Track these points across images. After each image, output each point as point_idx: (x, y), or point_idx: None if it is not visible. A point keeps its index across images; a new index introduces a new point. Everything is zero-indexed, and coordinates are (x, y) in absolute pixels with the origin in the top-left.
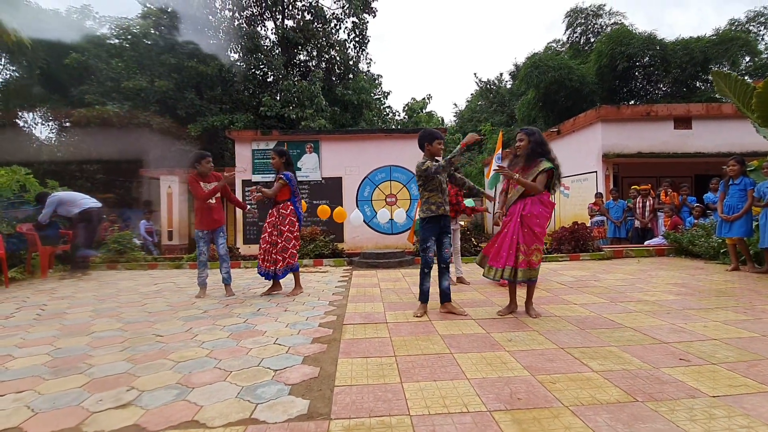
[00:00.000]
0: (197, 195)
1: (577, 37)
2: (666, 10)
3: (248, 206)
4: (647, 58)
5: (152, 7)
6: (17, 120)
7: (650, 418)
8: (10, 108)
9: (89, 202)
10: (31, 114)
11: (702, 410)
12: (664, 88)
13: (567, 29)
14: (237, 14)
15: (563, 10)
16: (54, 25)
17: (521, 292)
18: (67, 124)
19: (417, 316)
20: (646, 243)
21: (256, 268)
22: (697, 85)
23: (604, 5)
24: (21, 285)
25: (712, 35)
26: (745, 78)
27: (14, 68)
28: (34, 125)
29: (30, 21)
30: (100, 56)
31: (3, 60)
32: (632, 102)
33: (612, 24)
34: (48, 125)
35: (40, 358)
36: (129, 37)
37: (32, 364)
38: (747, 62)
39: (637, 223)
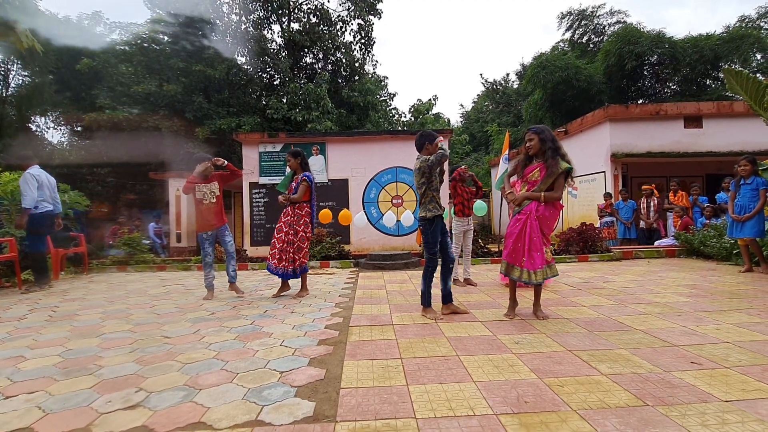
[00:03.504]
0: (185, 189)
1: (578, 37)
2: (662, 9)
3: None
4: (656, 57)
5: (161, 12)
6: (29, 124)
7: (661, 422)
8: (23, 112)
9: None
10: (43, 118)
11: (714, 415)
12: (673, 87)
13: (566, 31)
14: (244, 18)
15: (566, 9)
16: (66, 31)
17: (522, 292)
18: (79, 128)
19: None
20: (656, 243)
21: (267, 267)
22: (708, 83)
23: (603, 4)
24: (33, 287)
25: (723, 32)
26: (757, 75)
27: (26, 73)
28: (46, 129)
29: (43, 27)
30: (110, 61)
31: (15, 65)
32: (641, 101)
33: (615, 23)
34: (60, 129)
35: (51, 359)
36: (138, 42)
37: (44, 365)
38: (759, 60)
39: (642, 224)
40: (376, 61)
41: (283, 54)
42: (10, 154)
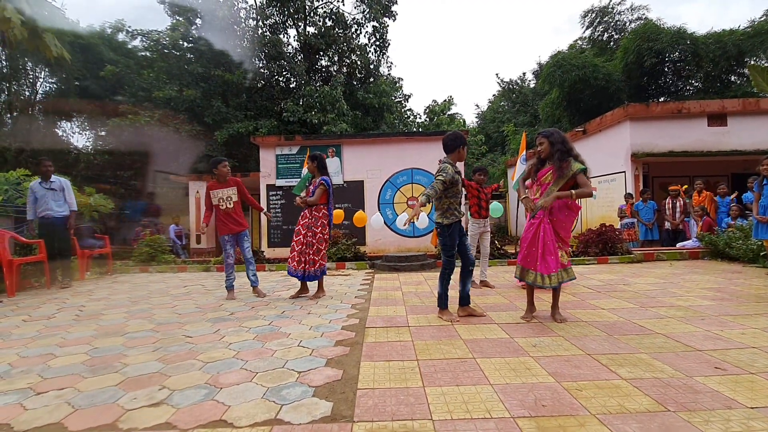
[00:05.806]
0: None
1: (599, 35)
2: (673, 5)
3: (272, 215)
4: (677, 53)
5: (181, 19)
6: (56, 129)
7: (683, 429)
8: (50, 118)
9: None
10: (68, 123)
11: (739, 422)
12: (696, 84)
13: (587, 29)
14: (261, 23)
15: (588, 6)
16: (90, 40)
17: (540, 294)
18: (103, 133)
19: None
20: (678, 245)
21: (287, 270)
22: (732, 79)
23: (624, 0)
24: (65, 283)
25: (747, 27)
26: None
27: (53, 80)
28: (72, 134)
29: (70, 36)
30: (132, 68)
31: (43, 73)
32: (662, 99)
33: (636, 20)
34: (84, 134)
35: (79, 357)
36: (159, 48)
37: (72, 363)
38: None
39: (667, 225)
40: (391, 63)
41: (299, 57)
42: (36, 158)
